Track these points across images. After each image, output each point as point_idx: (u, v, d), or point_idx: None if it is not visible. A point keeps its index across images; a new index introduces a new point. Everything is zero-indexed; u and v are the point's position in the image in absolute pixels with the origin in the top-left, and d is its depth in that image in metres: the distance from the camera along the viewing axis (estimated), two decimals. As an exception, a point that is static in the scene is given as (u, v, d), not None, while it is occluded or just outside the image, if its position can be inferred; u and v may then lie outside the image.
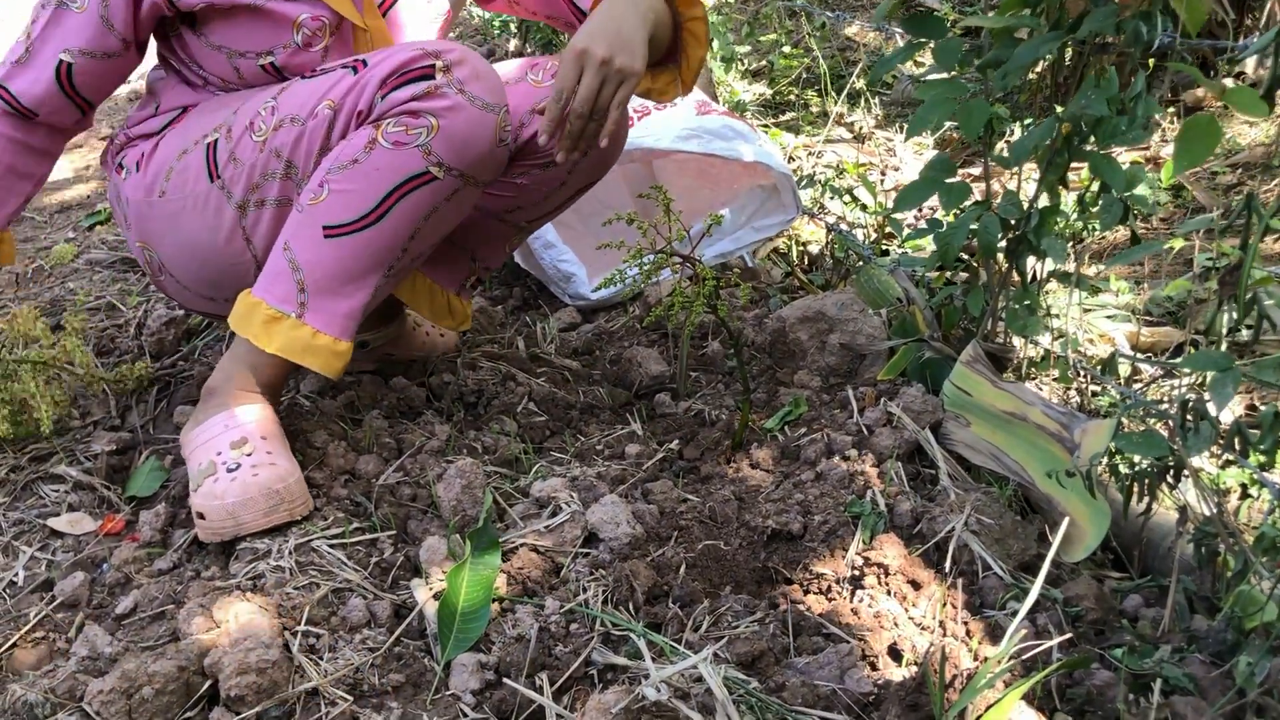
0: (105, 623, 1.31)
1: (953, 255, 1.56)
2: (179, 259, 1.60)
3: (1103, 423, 1.39)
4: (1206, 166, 2.78)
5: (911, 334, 1.74)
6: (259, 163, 1.47)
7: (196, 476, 1.42)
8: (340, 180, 1.40)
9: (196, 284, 1.63)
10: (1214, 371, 1.06)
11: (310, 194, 1.42)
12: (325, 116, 1.43)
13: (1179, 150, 1.17)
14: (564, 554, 1.37)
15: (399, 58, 1.40)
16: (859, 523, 1.37)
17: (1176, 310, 2.11)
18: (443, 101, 1.38)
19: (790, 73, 3.86)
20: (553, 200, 1.70)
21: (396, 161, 1.39)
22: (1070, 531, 1.35)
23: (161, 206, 1.56)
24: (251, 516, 1.37)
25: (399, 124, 1.38)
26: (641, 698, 1.07)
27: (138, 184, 1.58)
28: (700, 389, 1.85)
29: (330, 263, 1.42)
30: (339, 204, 1.40)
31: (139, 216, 1.60)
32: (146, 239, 1.61)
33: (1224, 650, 1.14)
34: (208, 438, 1.46)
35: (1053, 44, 1.37)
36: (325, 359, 1.45)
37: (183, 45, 1.59)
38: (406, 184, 1.40)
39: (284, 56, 1.54)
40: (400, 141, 1.38)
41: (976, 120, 1.45)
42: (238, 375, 1.50)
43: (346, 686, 1.15)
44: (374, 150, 1.39)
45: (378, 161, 1.39)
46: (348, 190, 1.40)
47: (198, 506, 1.39)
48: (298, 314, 1.43)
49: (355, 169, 1.39)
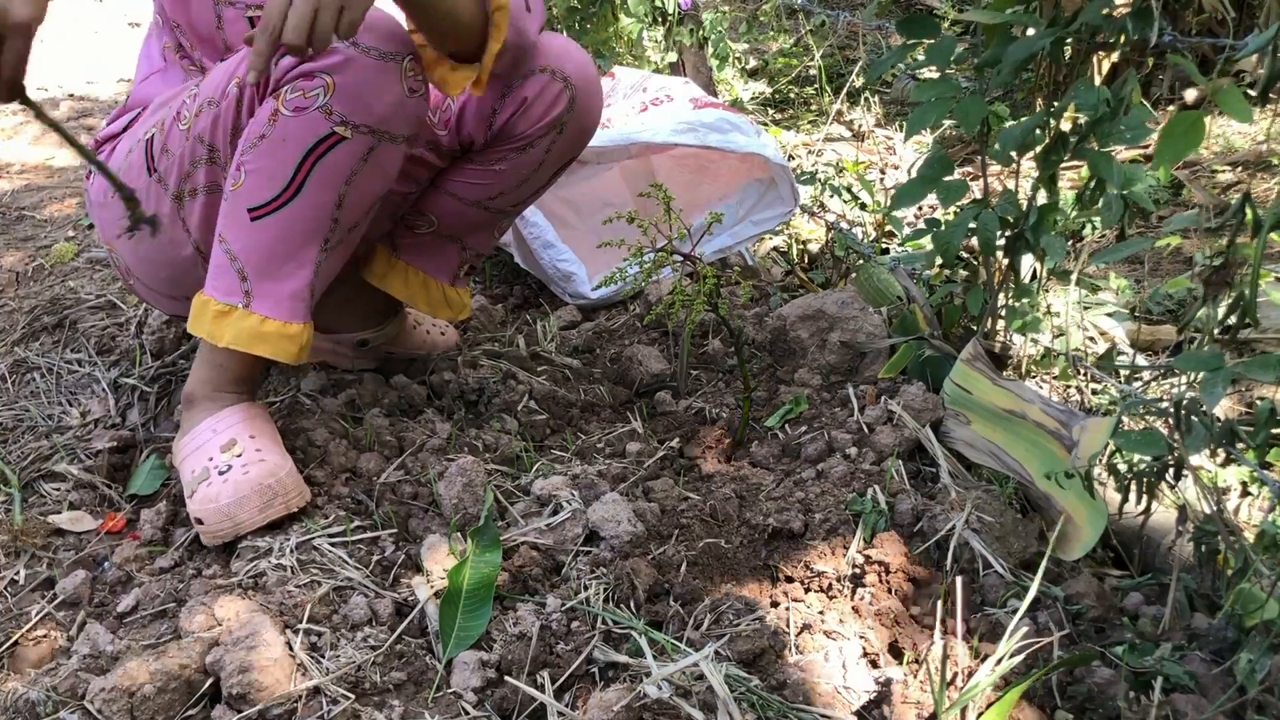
0: (107, 621, 1.31)
1: (952, 253, 1.56)
2: (136, 259, 1.59)
3: (1101, 420, 1.39)
4: (1205, 164, 2.78)
5: (912, 332, 1.74)
6: (186, 151, 1.45)
7: (190, 484, 1.43)
8: (252, 159, 1.37)
9: (157, 283, 1.62)
10: (1205, 371, 1.06)
11: (231, 180, 1.40)
12: (234, 95, 1.40)
13: (1161, 145, 1.17)
14: (565, 552, 1.37)
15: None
16: (860, 521, 1.37)
17: (1176, 308, 2.12)
18: (333, 58, 1.33)
19: (789, 71, 3.86)
20: (533, 183, 1.68)
21: (300, 128, 1.35)
22: (1068, 530, 1.35)
23: (115, 208, 1.52)
24: (248, 514, 1.38)
25: (295, 89, 1.33)
26: (643, 695, 1.07)
27: (100, 187, 1.56)
28: (701, 387, 1.85)
29: (263, 246, 1.40)
30: (257, 184, 1.37)
31: (101, 221, 1.60)
32: (109, 241, 1.61)
33: (1225, 648, 1.14)
34: (197, 445, 1.46)
35: (1045, 40, 1.37)
36: (276, 344, 1.43)
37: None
38: (315, 149, 1.36)
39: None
40: (300, 107, 1.34)
41: (973, 118, 1.45)
42: (209, 377, 1.50)
43: (348, 685, 1.15)
44: (277, 121, 1.35)
45: (283, 132, 1.35)
46: (261, 168, 1.37)
47: (195, 513, 1.39)
48: (244, 304, 1.41)
49: (264, 145, 1.36)
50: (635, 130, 2.20)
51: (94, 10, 5.68)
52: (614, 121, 2.26)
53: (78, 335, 2.12)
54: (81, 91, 4.44)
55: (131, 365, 1.95)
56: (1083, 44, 1.45)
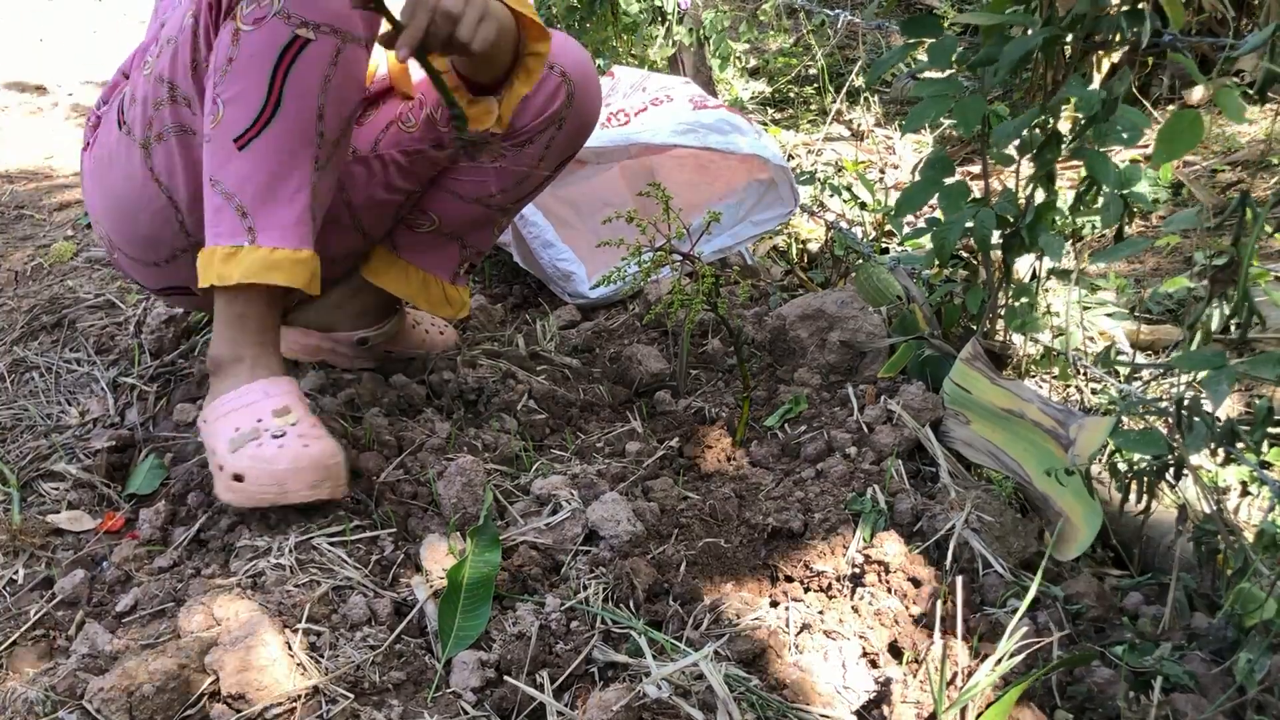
0: (105, 620, 1.31)
1: (948, 252, 1.56)
2: (114, 223, 1.58)
3: (1099, 420, 1.39)
4: (1205, 163, 2.78)
5: (911, 331, 1.74)
6: (149, 95, 1.45)
7: (236, 439, 1.38)
8: (225, 88, 1.35)
9: (136, 249, 1.59)
10: (1208, 370, 1.06)
11: (209, 117, 1.38)
12: (189, 26, 1.39)
13: (1159, 143, 1.18)
14: (564, 551, 1.37)
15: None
16: (859, 520, 1.37)
17: (1176, 308, 2.11)
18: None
19: (789, 70, 3.86)
20: (533, 179, 1.69)
21: (264, 40, 1.33)
22: (1064, 530, 1.35)
23: (95, 175, 1.57)
24: (297, 487, 1.36)
25: (249, 3, 1.33)
26: (642, 695, 1.07)
27: (88, 157, 1.59)
28: (700, 386, 1.85)
29: (257, 173, 1.38)
30: (236, 111, 1.35)
31: (87, 191, 1.61)
32: (93, 210, 1.61)
33: (1224, 647, 1.14)
34: (245, 403, 1.42)
35: (1040, 39, 1.37)
36: (290, 271, 1.40)
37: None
38: (284, 58, 1.34)
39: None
40: (258, 18, 1.33)
41: (972, 117, 1.45)
42: (232, 335, 1.45)
43: (347, 684, 1.15)
44: (240, 40, 1.34)
45: (248, 48, 1.34)
46: (236, 93, 1.35)
47: (238, 468, 1.36)
48: (250, 241, 1.38)
49: (233, 68, 1.34)
50: (635, 131, 2.20)
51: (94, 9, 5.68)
52: (614, 119, 2.26)
53: (76, 334, 2.12)
54: (80, 91, 4.44)
55: (130, 364, 1.95)
56: (1079, 43, 1.45)
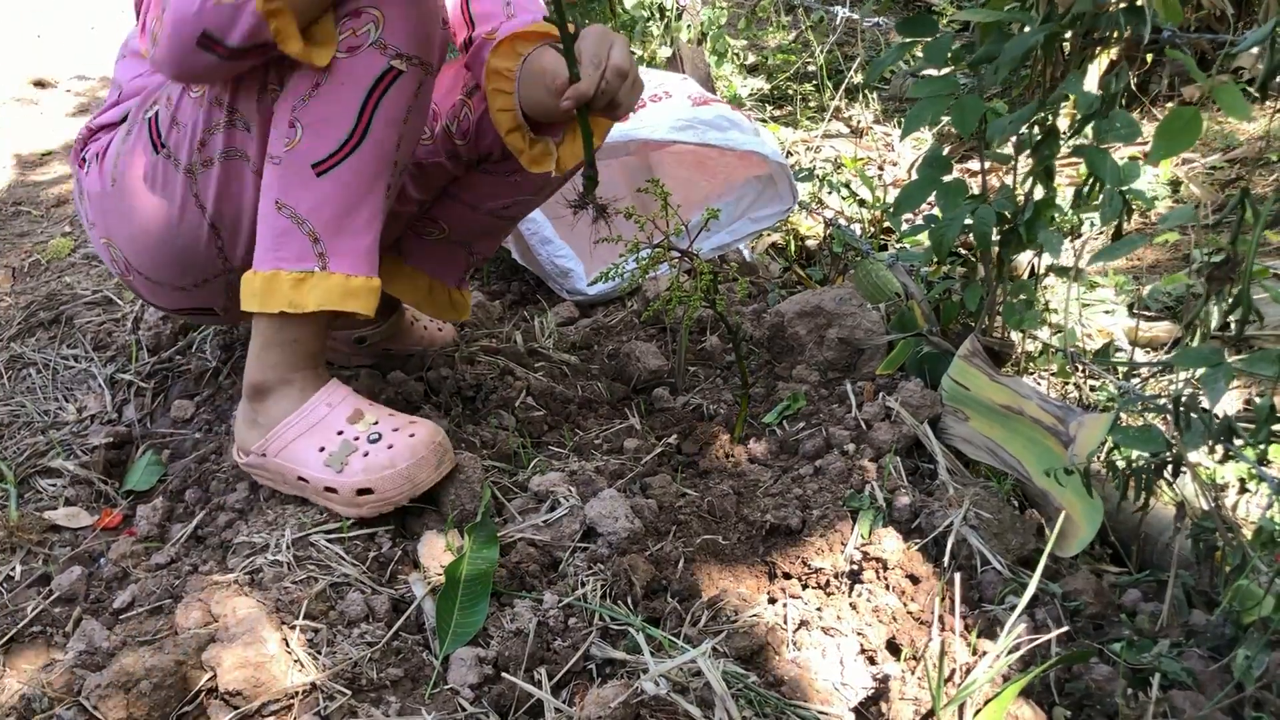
0: (103, 617, 1.31)
1: (947, 249, 1.56)
2: (140, 248, 1.52)
3: (1099, 417, 1.39)
4: (1204, 160, 2.78)
5: (910, 328, 1.74)
6: (200, 118, 1.39)
7: (331, 460, 1.38)
8: (309, 112, 1.32)
9: (163, 272, 1.54)
10: (1206, 367, 1.06)
11: (283, 140, 1.34)
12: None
13: (1158, 140, 1.17)
14: (562, 548, 1.36)
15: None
16: (857, 517, 1.37)
17: (1174, 305, 2.11)
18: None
19: (788, 67, 3.86)
20: (547, 191, 1.70)
21: (357, 68, 1.31)
22: (1064, 526, 1.35)
23: (115, 196, 1.49)
24: (426, 473, 1.38)
25: (344, 30, 1.30)
26: (640, 692, 1.07)
27: (96, 176, 1.52)
28: (699, 383, 1.85)
29: (334, 200, 1.35)
30: (318, 137, 1.33)
31: (100, 211, 1.53)
32: (109, 234, 1.54)
33: (1222, 644, 1.14)
34: (312, 422, 1.41)
35: (1039, 36, 1.37)
36: (365, 299, 1.38)
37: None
38: (376, 88, 1.33)
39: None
40: (353, 46, 1.30)
41: (970, 116, 1.45)
42: (281, 359, 1.42)
43: (345, 681, 1.15)
44: (333, 65, 1.31)
45: (339, 77, 1.31)
46: (321, 119, 1.32)
47: (357, 484, 1.36)
48: (320, 267, 1.36)
49: (319, 95, 1.32)
50: (633, 128, 2.19)
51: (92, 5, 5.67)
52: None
53: (74, 331, 2.12)
54: (78, 87, 4.43)
55: (128, 361, 1.95)
56: (1078, 40, 1.45)
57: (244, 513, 1.47)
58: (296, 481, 1.42)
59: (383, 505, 1.38)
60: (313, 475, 1.39)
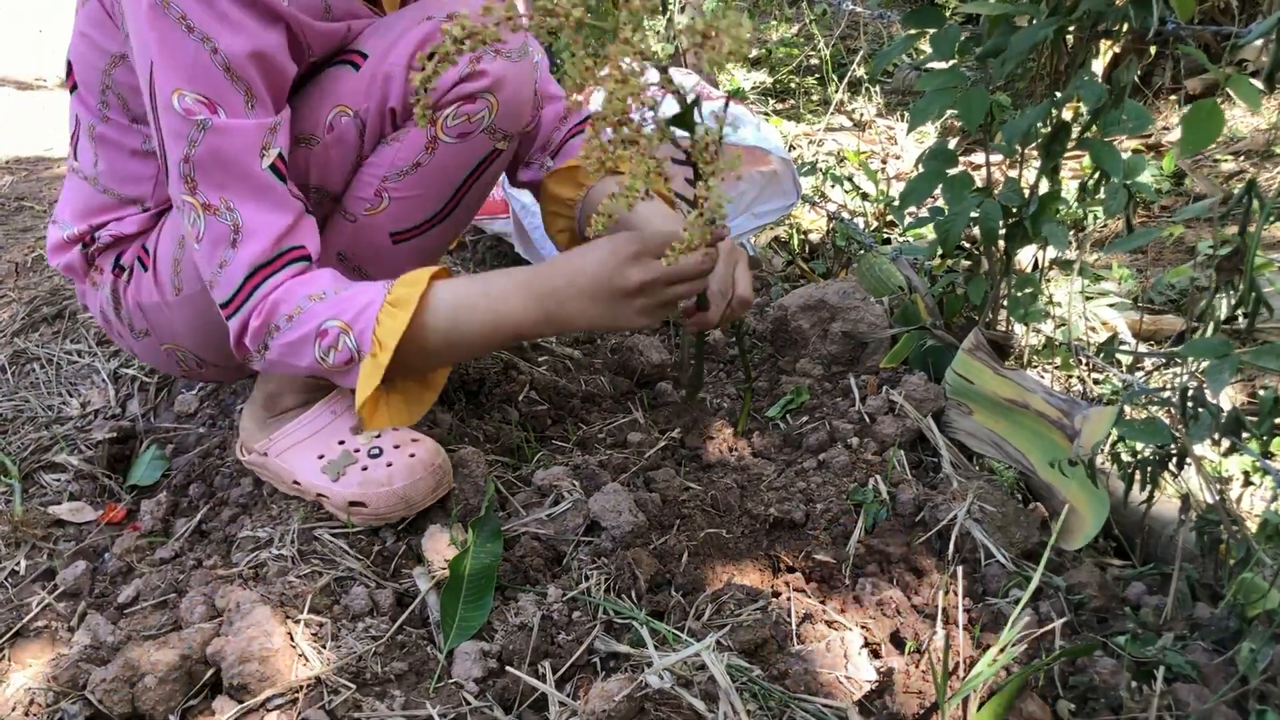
0: (107, 612, 1.31)
1: (953, 243, 1.56)
2: (219, 342, 1.39)
3: (1104, 410, 1.39)
4: (1208, 153, 2.78)
5: (913, 322, 1.74)
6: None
7: (330, 467, 1.40)
8: (402, 187, 1.29)
9: (220, 353, 1.45)
10: (1211, 358, 1.06)
11: (364, 205, 1.31)
12: (348, 125, 1.27)
13: (1185, 135, 1.17)
14: (566, 542, 1.36)
15: (412, 37, 1.24)
16: (861, 511, 1.37)
17: (1179, 298, 2.11)
18: (489, 75, 1.25)
19: (791, 61, 3.85)
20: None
21: (465, 153, 1.29)
22: (1069, 520, 1.35)
23: (185, 305, 1.37)
24: (421, 495, 1.38)
25: (458, 115, 1.26)
26: (644, 686, 1.07)
27: (150, 286, 1.38)
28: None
29: (403, 265, 1.32)
30: (405, 210, 1.31)
31: (161, 321, 1.41)
32: (175, 339, 1.43)
33: (1227, 638, 1.14)
34: (316, 428, 1.43)
35: (1048, 29, 1.36)
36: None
37: None
38: (478, 170, 1.32)
39: None
40: (465, 133, 1.27)
41: (977, 110, 1.45)
42: (307, 382, 1.45)
43: (349, 675, 1.15)
44: (437, 149, 1.27)
45: (444, 160, 1.28)
46: (414, 195, 1.30)
47: (350, 496, 1.37)
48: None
49: (419, 173, 1.28)
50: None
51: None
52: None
53: (77, 326, 2.12)
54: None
55: (131, 356, 1.95)
56: (1085, 33, 1.44)
57: (248, 507, 1.47)
58: (292, 484, 1.44)
59: (374, 520, 1.39)
60: (307, 481, 1.41)
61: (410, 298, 1.17)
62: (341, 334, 1.16)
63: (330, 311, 1.17)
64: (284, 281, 1.19)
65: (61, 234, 1.43)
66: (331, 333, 1.16)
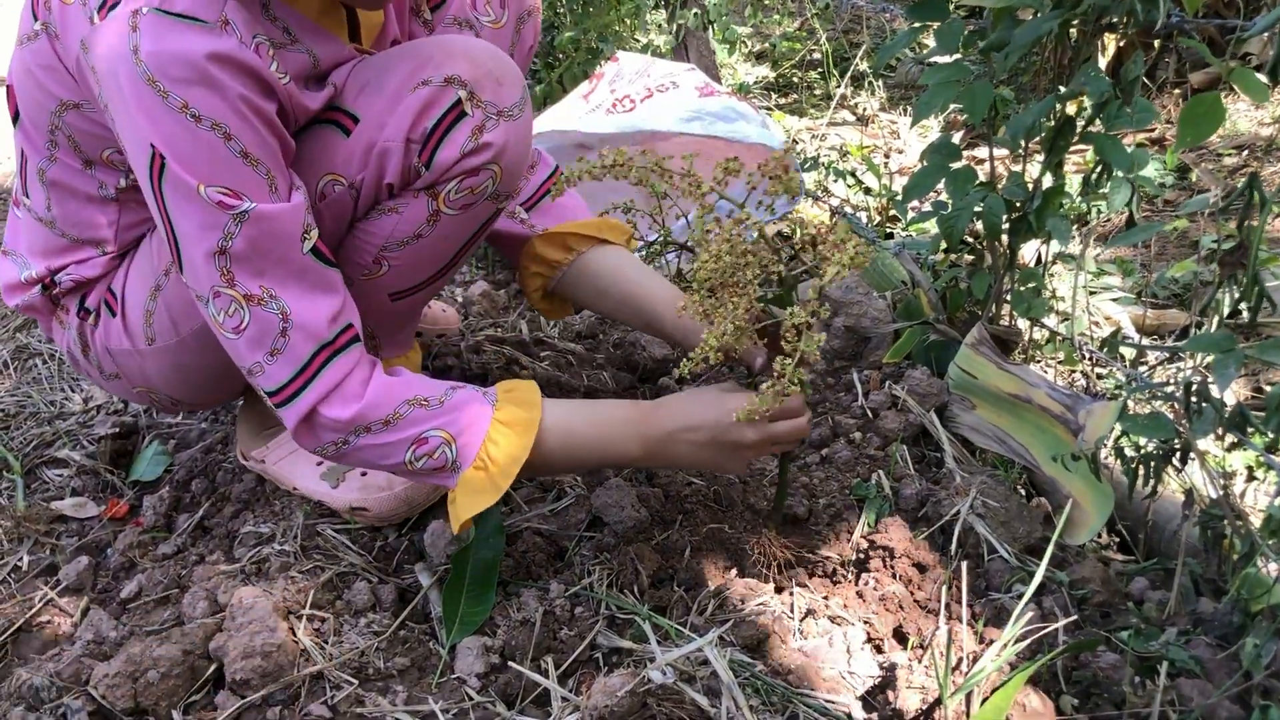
0: (110, 607, 1.31)
1: (957, 238, 1.56)
2: (196, 386, 1.41)
3: (1107, 405, 1.39)
4: (1211, 148, 2.77)
5: (916, 317, 1.74)
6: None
7: (328, 475, 1.41)
8: (402, 256, 1.26)
9: (221, 391, 1.46)
10: (1216, 353, 1.05)
11: (363, 270, 1.28)
12: (342, 194, 1.21)
13: (1182, 128, 1.17)
14: (569, 537, 1.36)
15: (412, 104, 1.17)
16: (864, 506, 1.37)
17: (1182, 292, 2.11)
18: (493, 147, 1.20)
19: (794, 55, 3.84)
20: None
21: (468, 221, 1.26)
22: (1073, 514, 1.35)
23: (160, 355, 1.35)
24: (423, 495, 1.39)
25: (460, 189, 1.21)
26: (647, 681, 1.07)
27: (119, 332, 1.35)
28: (705, 372, 1.85)
29: (399, 317, 1.38)
30: (403, 275, 1.29)
31: (132, 366, 1.37)
32: (147, 383, 1.39)
33: (1230, 633, 1.14)
34: None
35: (1052, 23, 1.36)
36: (409, 364, 1.48)
37: None
38: (479, 232, 1.30)
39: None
40: (468, 204, 1.23)
41: (980, 103, 1.44)
42: None
43: (351, 670, 1.15)
44: (439, 221, 1.24)
45: (445, 230, 1.25)
46: (413, 263, 1.28)
47: (356, 502, 1.38)
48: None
49: (420, 243, 1.26)
50: (640, 119, 2.19)
51: None
52: (620, 105, 2.25)
53: (80, 321, 2.12)
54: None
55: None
56: (1089, 27, 1.44)
57: (250, 503, 1.47)
58: (293, 489, 1.45)
59: (376, 522, 1.39)
60: (307, 488, 1.42)
61: (525, 421, 1.19)
62: (443, 445, 1.16)
63: (435, 421, 1.16)
64: (351, 369, 1.16)
65: (19, 274, 1.37)
66: (432, 441, 1.16)
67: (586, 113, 2.28)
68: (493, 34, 1.40)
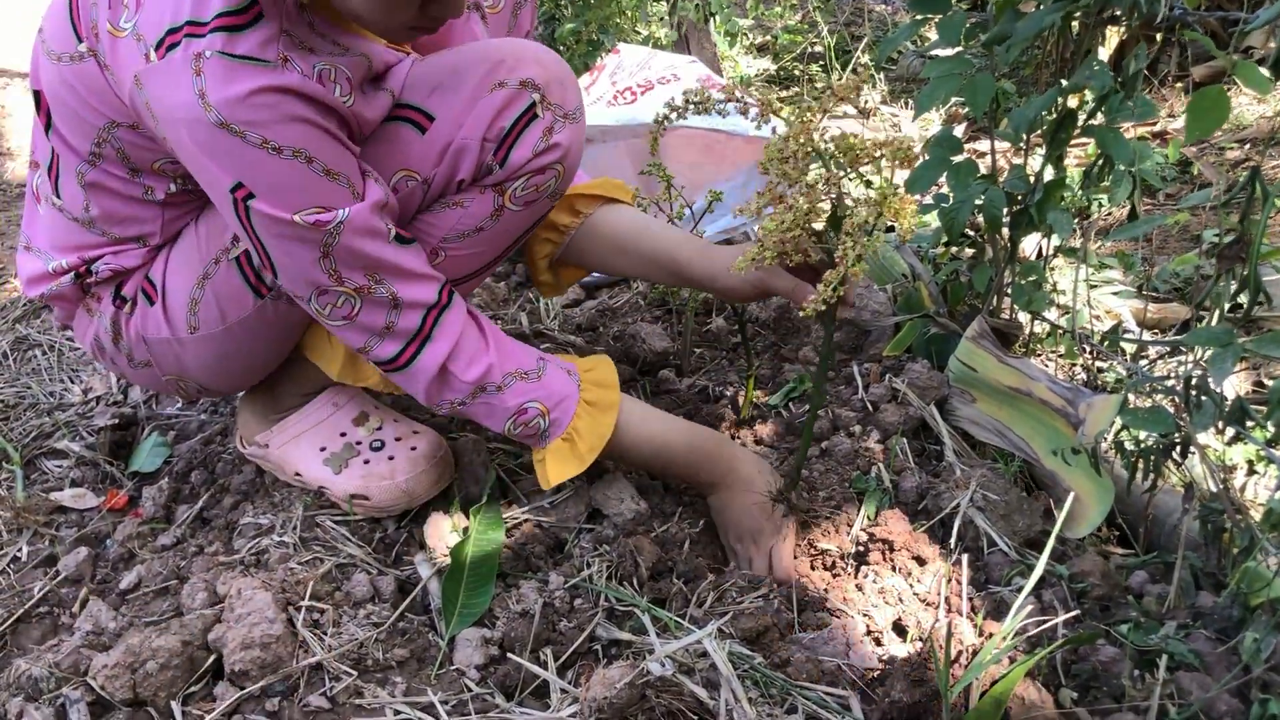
0: (109, 598, 1.31)
1: (958, 230, 1.55)
2: (232, 373, 1.42)
3: (1108, 398, 1.38)
4: (1213, 141, 2.76)
5: (917, 310, 1.73)
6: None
7: (332, 460, 1.41)
8: (462, 247, 1.29)
9: (249, 380, 1.47)
10: (1215, 347, 1.05)
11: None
12: (414, 189, 1.24)
13: (1190, 121, 1.16)
14: (568, 530, 1.36)
15: (489, 105, 1.21)
16: (864, 499, 1.37)
17: (1183, 286, 2.10)
18: (561, 147, 1.25)
19: (795, 47, 3.83)
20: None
21: (528, 217, 1.31)
22: (1074, 508, 1.34)
23: (202, 344, 1.35)
24: (424, 488, 1.39)
25: (528, 186, 1.26)
26: (646, 673, 1.07)
27: (158, 320, 1.34)
28: (704, 365, 1.85)
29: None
30: (461, 264, 1.31)
31: (167, 355, 1.37)
32: (180, 371, 1.40)
33: (1229, 626, 1.14)
34: (316, 420, 1.44)
35: (1055, 15, 1.36)
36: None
37: None
38: (535, 225, 1.35)
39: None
40: (531, 200, 1.28)
41: (982, 96, 1.44)
42: (306, 377, 1.46)
43: (351, 661, 1.15)
44: (502, 215, 1.28)
45: (507, 224, 1.29)
46: (472, 253, 1.31)
47: (352, 489, 1.38)
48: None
49: (480, 235, 1.29)
50: (639, 112, 2.18)
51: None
52: (621, 97, 2.24)
53: (80, 313, 2.11)
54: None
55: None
56: (1091, 20, 1.43)
57: (249, 494, 1.47)
58: (294, 476, 1.44)
59: (376, 512, 1.39)
60: (309, 473, 1.42)
61: (607, 403, 1.33)
62: (539, 416, 1.29)
63: (535, 394, 1.29)
64: (462, 326, 1.27)
65: (44, 265, 1.37)
66: (531, 412, 1.29)
67: (587, 105, 2.28)
68: (491, 18, 1.42)
